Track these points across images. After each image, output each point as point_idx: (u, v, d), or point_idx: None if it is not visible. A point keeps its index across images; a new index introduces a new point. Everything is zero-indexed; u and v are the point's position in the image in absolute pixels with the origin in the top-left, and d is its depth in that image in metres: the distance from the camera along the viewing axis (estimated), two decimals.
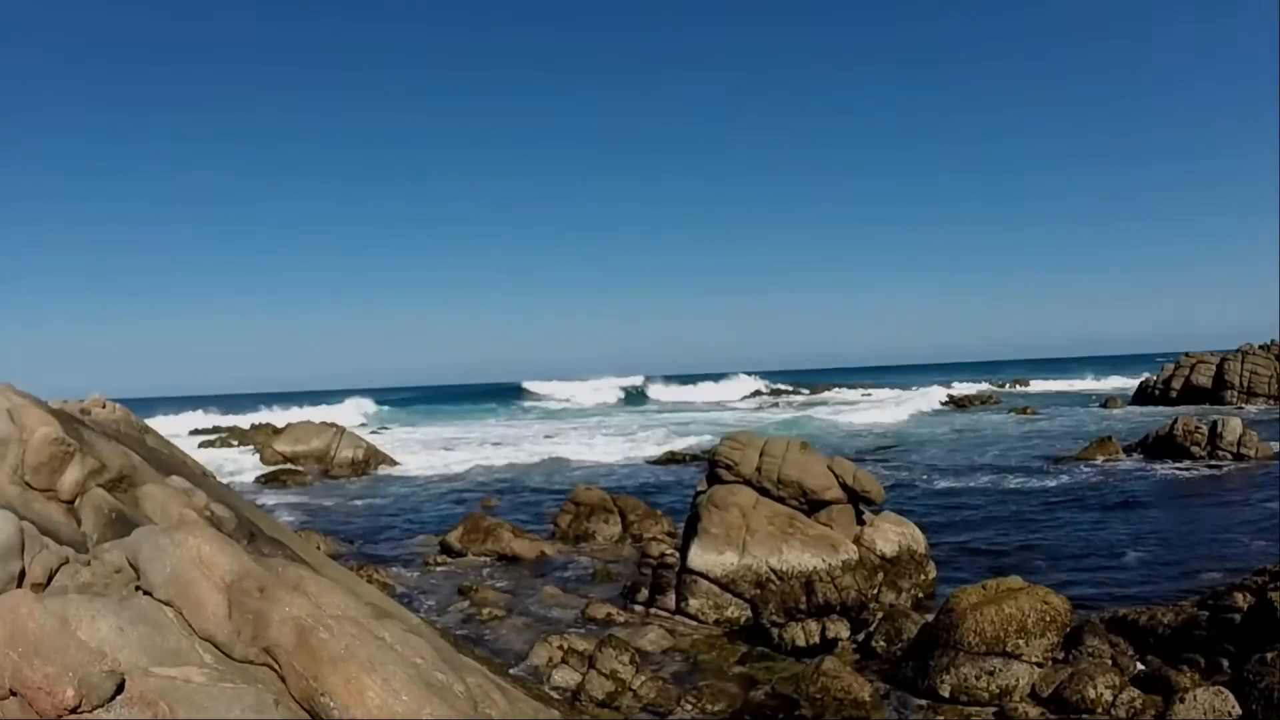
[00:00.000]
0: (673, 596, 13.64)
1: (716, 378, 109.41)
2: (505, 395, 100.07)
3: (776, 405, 78.14)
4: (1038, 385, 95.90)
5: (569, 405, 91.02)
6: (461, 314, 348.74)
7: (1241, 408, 50.31)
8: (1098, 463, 30.19)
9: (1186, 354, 58.89)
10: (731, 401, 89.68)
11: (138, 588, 5.22)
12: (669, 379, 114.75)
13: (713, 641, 12.53)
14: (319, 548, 16.08)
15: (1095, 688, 9.10)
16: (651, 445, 39.79)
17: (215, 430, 51.26)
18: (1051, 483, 26.13)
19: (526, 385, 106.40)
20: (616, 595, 14.72)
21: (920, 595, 13.99)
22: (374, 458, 35.77)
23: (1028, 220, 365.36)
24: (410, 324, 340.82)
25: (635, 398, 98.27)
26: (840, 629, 12.43)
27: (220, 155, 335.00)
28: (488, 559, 17.54)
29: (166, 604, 5.05)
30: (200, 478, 9.95)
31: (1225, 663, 9.20)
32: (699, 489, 15.05)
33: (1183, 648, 9.77)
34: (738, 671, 11.31)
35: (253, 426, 49.44)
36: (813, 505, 14.31)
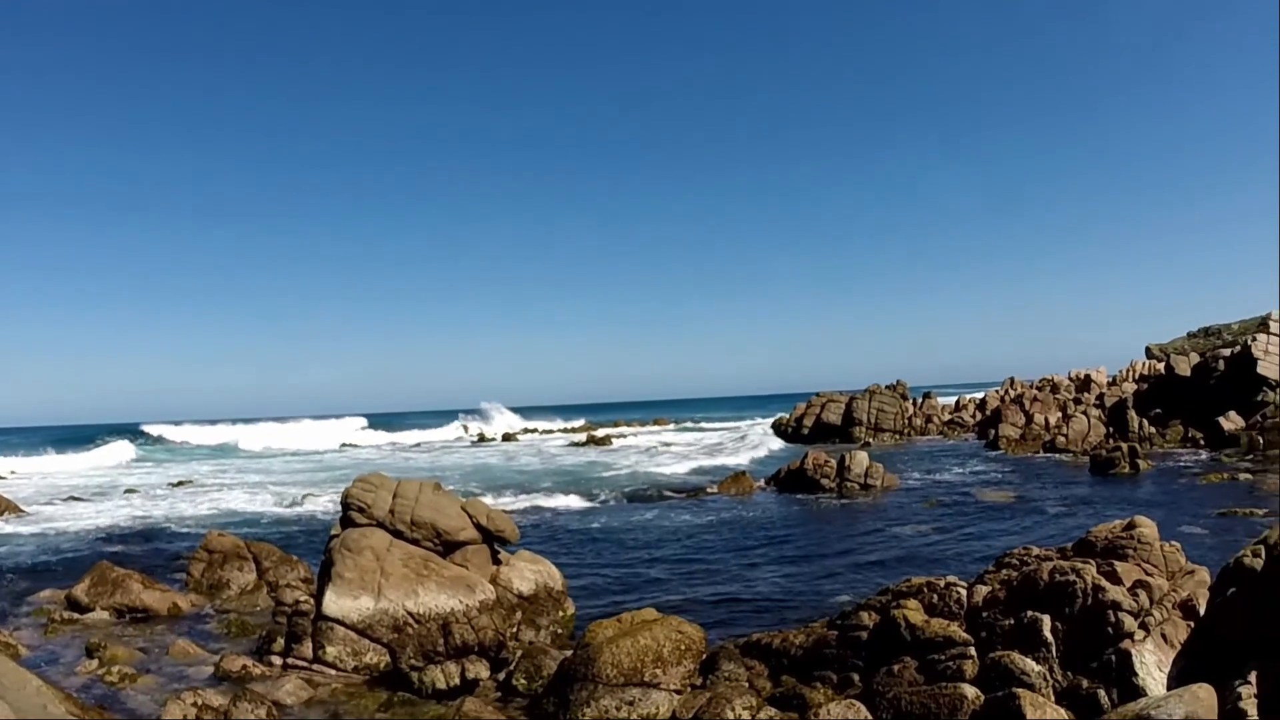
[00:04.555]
0: (310, 645, 12.87)
1: (436, 416, 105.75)
2: (141, 436, 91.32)
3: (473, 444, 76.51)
4: (677, 424, 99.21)
5: (194, 446, 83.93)
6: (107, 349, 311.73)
7: (869, 443, 54.77)
8: (733, 496, 31.52)
9: (818, 394, 63.38)
10: (420, 443, 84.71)
11: None
12: (384, 418, 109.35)
13: (352, 690, 12.01)
14: None
15: (734, 709, 9.15)
16: (298, 489, 37.64)
17: None
18: (687, 516, 26.92)
19: (151, 429, 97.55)
20: (252, 647, 13.93)
21: (560, 631, 13.92)
22: None
23: (671, 259, 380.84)
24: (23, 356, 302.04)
25: (323, 440, 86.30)
26: (480, 669, 12.25)
27: None
28: (118, 613, 16.35)
29: None
30: None
31: (856, 677, 9.52)
32: (333, 533, 14.37)
33: (816, 666, 10.03)
34: (379, 718, 10.98)
35: None
36: (448, 546, 14.00)
